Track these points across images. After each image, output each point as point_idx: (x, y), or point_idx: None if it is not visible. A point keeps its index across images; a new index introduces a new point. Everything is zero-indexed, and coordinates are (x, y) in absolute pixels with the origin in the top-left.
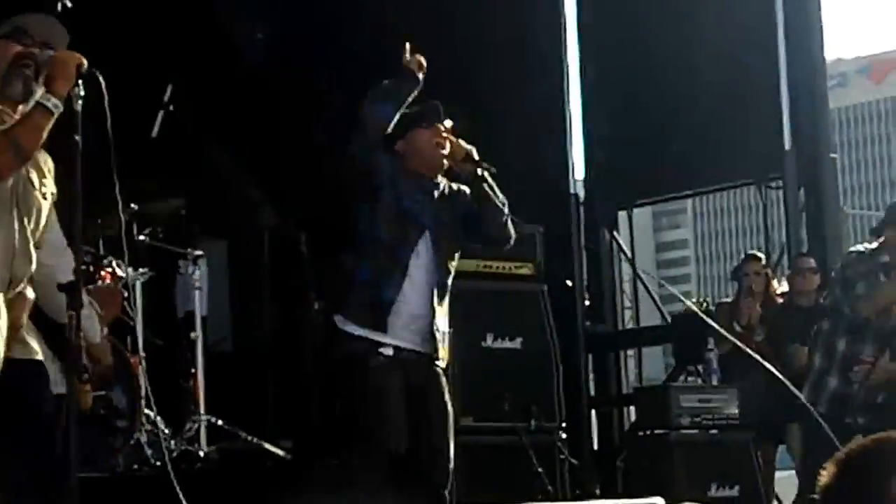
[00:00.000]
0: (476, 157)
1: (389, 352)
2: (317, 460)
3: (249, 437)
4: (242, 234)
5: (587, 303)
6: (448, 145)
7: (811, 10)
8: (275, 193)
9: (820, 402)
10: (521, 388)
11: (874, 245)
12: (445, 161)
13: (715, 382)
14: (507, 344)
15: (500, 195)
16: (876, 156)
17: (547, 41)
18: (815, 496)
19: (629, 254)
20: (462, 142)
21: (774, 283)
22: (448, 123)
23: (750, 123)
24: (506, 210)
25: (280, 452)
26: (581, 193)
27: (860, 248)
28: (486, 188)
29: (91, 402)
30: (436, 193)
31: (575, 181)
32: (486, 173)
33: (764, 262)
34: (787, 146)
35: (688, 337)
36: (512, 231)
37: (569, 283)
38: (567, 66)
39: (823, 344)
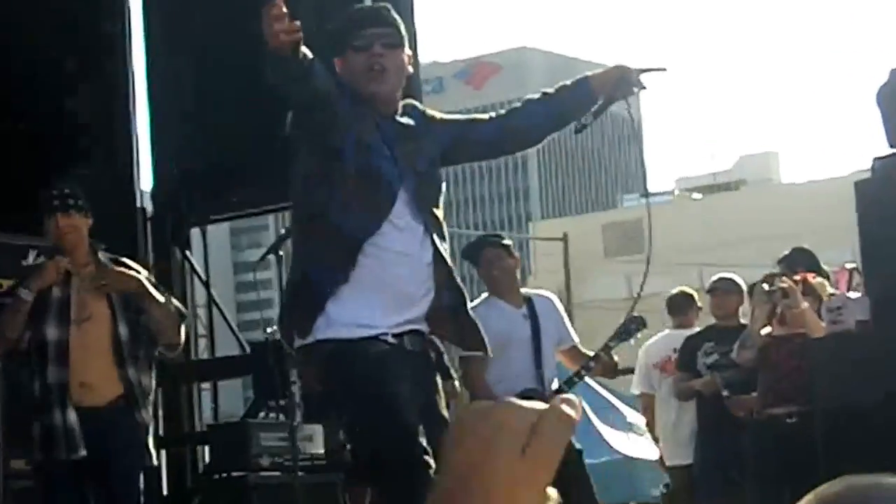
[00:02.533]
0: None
1: None
2: None
3: None
4: None
5: None
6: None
7: (402, 10)
8: None
9: None
10: None
11: None
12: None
13: (299, 419)
14: None
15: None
16: (475, 168)
17: (110, 33)
18: None
19: (203, 275)
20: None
21: None
22: None
23: None
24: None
25: None
26: (149, 208)
27: None
28: None
29: None
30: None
31: (142, 194)
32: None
33: None
34: None
35: (269, 369)
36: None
37: None
38: (131, 64)
39: None
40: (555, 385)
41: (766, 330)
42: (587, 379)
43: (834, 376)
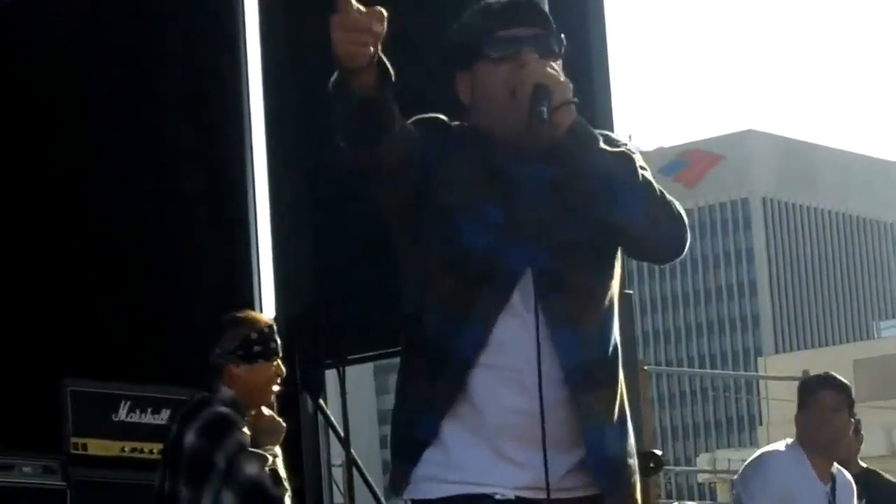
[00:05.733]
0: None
1: None
2: None
3: None
4: None
5: None
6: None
7: (599, 84)
8: None
9: None
10: None
11: None
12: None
13: None
14: None
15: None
16: (688, 290)
17: (228, 146)
18: None
19: (341, 430)
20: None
21: None
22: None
23: None
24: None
25: None
26: None
27: None
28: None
29: None
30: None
31: None
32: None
33: None
34: None
35: None
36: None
37: None
38: (253, 171)
39: None
40: None
41: None
42: None
43: None
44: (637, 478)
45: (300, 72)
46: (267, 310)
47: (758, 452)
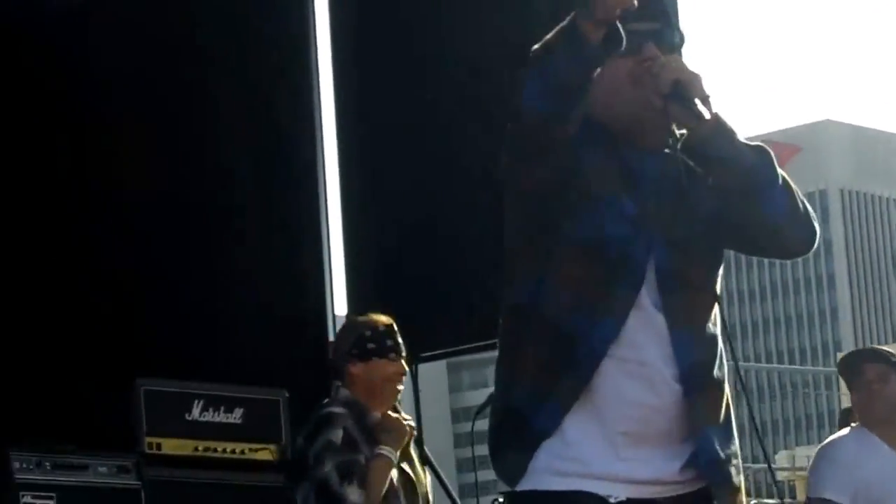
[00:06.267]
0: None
1: None
2: None
3: None
4: None
5: None
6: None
7: None
8: None
9: None
10: None
11: None
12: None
13: None
14: None
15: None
16: (765, 283)
17: (301, 143)
18: None
19: (415, 427)
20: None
21: None
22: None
23: None
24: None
25: None
26: None
27: None
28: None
29: None
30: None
31: (336, 324)
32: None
33: None
34: None
35: None
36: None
37: None
38: (324, 159)
39: None
40: None
41: None
42: None
43: None
44: (742, 476)
45: (369, 68)
46: (339, 308)
47: (822, 444)
